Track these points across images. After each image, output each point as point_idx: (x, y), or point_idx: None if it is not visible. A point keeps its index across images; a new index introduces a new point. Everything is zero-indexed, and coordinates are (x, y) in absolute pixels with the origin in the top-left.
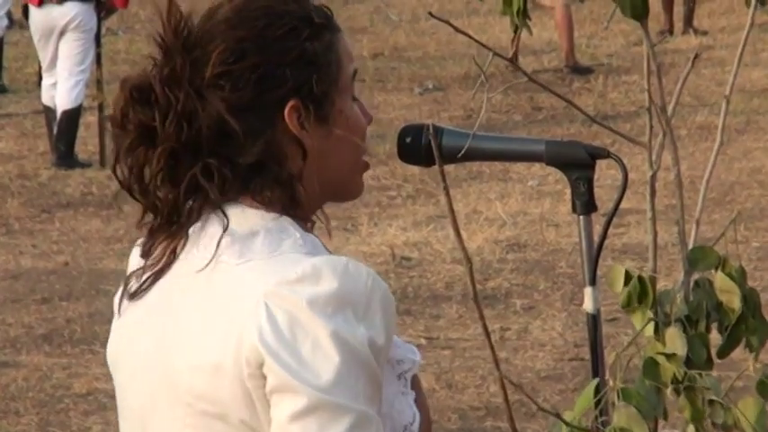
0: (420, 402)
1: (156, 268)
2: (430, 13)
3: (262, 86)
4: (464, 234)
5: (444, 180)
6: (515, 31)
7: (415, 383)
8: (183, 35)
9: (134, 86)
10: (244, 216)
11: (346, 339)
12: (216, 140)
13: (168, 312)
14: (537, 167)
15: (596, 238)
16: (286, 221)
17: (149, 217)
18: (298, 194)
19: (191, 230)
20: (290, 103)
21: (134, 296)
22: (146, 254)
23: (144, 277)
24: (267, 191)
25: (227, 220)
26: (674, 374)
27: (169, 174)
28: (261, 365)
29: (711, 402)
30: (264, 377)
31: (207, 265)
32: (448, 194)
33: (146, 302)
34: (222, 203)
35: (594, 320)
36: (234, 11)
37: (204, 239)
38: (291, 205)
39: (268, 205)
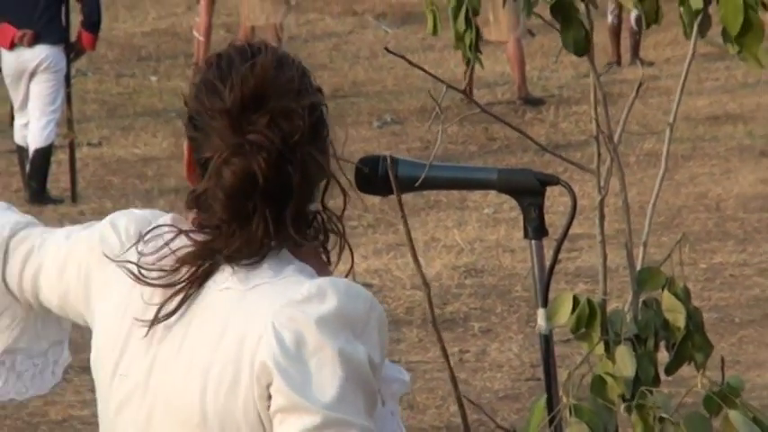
0: None
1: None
2: (386, 49)
3: (326, 135)
4: (423, 261)
5: (402, 209)
6: (468, 64)
7: None
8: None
9: (265, 152)
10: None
11: (350, 357)
12: (308, 187)
13: (178, 336)
14: (492, 195)
15: (548, 262)
16: (283, 252)
17: None
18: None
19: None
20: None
21: (163, 319)
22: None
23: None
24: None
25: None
26: (625, 392)
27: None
28: (269, 385)
29: (662, 419)
30: (269, 397)
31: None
32: (406, 223)
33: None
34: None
35: (547, 340)
36: (279, 61)
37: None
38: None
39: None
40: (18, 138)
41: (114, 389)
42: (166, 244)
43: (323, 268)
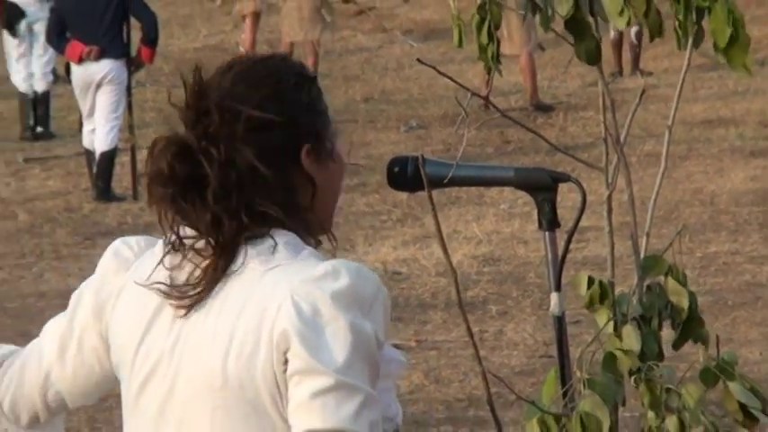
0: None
1: (211, 282)
2: (418, 60)
3: (282, 135)
4: None
5: (432, 203)
6: (489, 73)
7: None
8: (210, 98)
9: (175, 146)
10: (267, 234)
11: (360, 330)
12: (251, 182)
13: (203, 310)
14: (508, 192)
15: (560, 251)
16: (297, 239)
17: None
18: (309, 222)
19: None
20: (306, 147)
21: (190, 308)
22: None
23: (198, 289)
24: (287, 216)
25: (254, 236)
26: (633, 366)
27: (210, 210)
28: (287, 351)
29: (668, 390)
30: (287, 362)
31: (237, 270)
32: (435, 216)
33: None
34: (255, 225)
35: (560, 321)
36: (248, 73)
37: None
38: (306, 231)
39: (289, 229)
40: (86, 142)
41: (137, 369)
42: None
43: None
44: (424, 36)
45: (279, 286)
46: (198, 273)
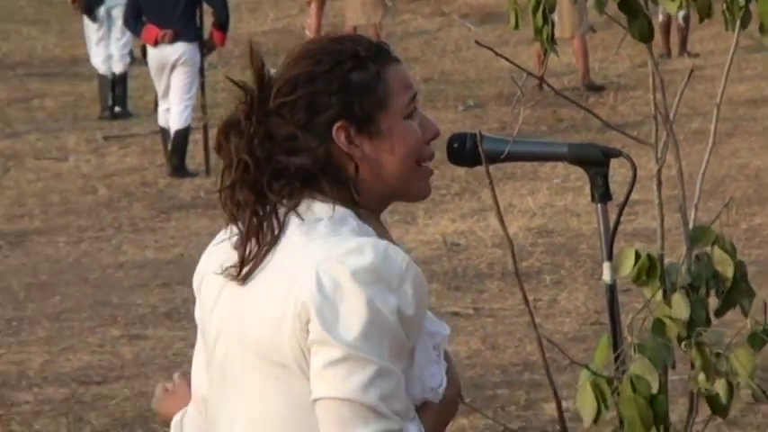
0: (450, 373)
1: (260, 255)
2: (476, 41)
3: (312, 112)
4: None
5: (490, 177)
6: (545, 54)
7: (448, 358)
8: (261, 77)
9: (226, 122)
10: (311, 207)
11: (378, 306)
12: (288, 154)
13: (255, 277)
14: (560, 167)
15: (611, 223)
16: (348, 213)
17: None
18: (354, 193)
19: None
20: (337, 124)
21: (245, 279)
22: (240, 245)
23: (250, 264)
24: (332, 190)
25: (297, 209)
26: (681, 332)
27: (249, 180)
28: (308, 321)
29: (718, 354)
30: (308, 332)
31: (278, 241)
32: (493, 189)
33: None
34: (298, 199)
35: (612, 289)
36: (297, 53)
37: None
38: (351, 201)
39: (335, 200)
40: (161, 121)
41: (209, 344)
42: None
43: (383, 232)
44: (480, 20)
45: (309, 259)
46: (250, 247)
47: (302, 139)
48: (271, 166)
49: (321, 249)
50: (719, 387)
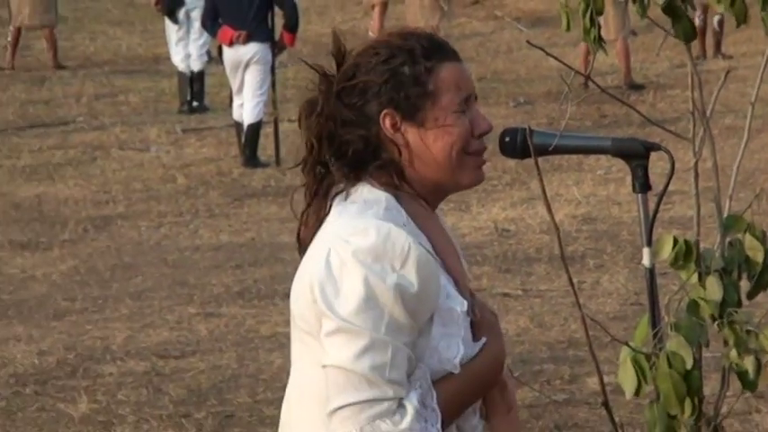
0: (489, 349)
1: (308, 234)
2: (528, 42)
3: (365, 98)
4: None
5: (538, 169)
6: (593, 53)
7: (490, 332)
8: (339, 63)
9: (305, 101)
10: (358, 190)
11: (375, 283)
12: (344, 135)
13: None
14: (603, 160)
15: (651, 212)
16: (383, 197)
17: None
18: (398, 177)
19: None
20: (384, 112)
21: (301, 255)
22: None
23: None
24: (378, 173)
25: (342, 191)
26: (714, 312)
27: (312, 161)
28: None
29: (749, 332)
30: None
31: (323, 221)
32: (541, 180)
33: None
34: (351, 182)
35: (651, 273)
36: (367, 44)
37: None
38: (397, 184)
39: (383, 184)
40: (236, 115)
41: None
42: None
43: (425, 218)
44: (530, 23)
45: (325, 238)
46: (305, 225)
47: (356, 122)
48: (333, 146)
49: (336, 229)
50: (749, 363)
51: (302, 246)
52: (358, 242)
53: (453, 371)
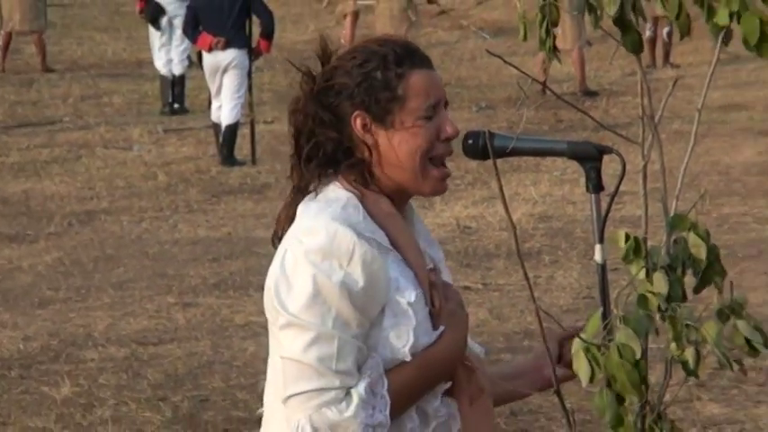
0: (445, 336)
1: (279, 230)
2: (488, 51)
3: (339, 99)
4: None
5: (497, 169)
6: (548, 62)
7: (449, 321)
8: (323, 64)
9: (291, 99)
10: (326, 189)
11: (323, 281)
12: (319, 134)
13: None
14: (559, 162)
15: (603, 211)
16: (344, 196)
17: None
18: (366, 176)
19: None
20: (356, 113)
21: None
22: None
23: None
24: (348, 172)
25: (314, 190)
26: (659, 306)
27: (295, 158)
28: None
29: (687, 326)
30: None
31: (292, 218)
32: (499, 180)
33: None
34: (324, 181)
35: (603, 269)
36: (348, 48)
37: None
38: (364, 184)
39: (352, 183)
40: (214, 116)
41: None
42: None
43: (387, 218)
44: (493, 33)
45: (288, 236)
46: (281, 218)
47: (331, 121)
48: (310, 143)
49: (294, 229)
50: (689, 354)
51: (276, 241)
52: (308, 242)
53: (405, 359)
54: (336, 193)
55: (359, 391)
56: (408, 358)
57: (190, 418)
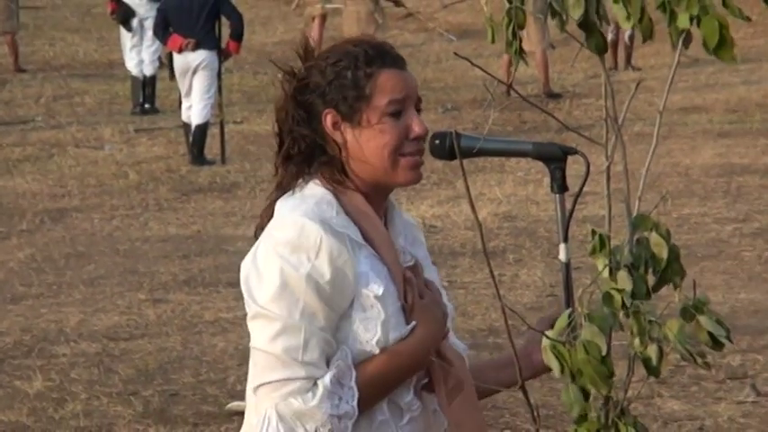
0: (416, 331)
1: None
2: (455, 53)
3: (313, 97)
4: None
5: (463, 169)
6: (515, 64)
7: (422, 316)
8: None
9: (277, 98)
10: (305, 186)
11: (290, 273)
12: (297, 131)
13: None
14: (524, 162)
15: (567, 211)
16: (319, 192)
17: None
18: (339, 173)
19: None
20: (326, 111)
21: None
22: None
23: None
24: (323, 169)
25: (294, 187)
26: (623, 303)
27: (278, 150)
28: None
29: (650, 322)
30: None
31: (272, 215)
32: (465, 179)
33: None
34: (304, 178)
35: (567, 267)
36: (325, 49)
37: None
38: (338, 181)
39: (327, 180)
40: (184, 116)
41: None
42: None
43: (360, 214)
44: (458, 35)
45: (264, 231)
46: (264, 215)
47: (306, 119)
48: (288, 141)
49: (269, 224)
50: (651, 351)
51: (258, 236)
52: (278, 236)
53: (373, 351)
54: (313, 190)
55: (325, 381)
56: (376, 351)
57: (160, 413)
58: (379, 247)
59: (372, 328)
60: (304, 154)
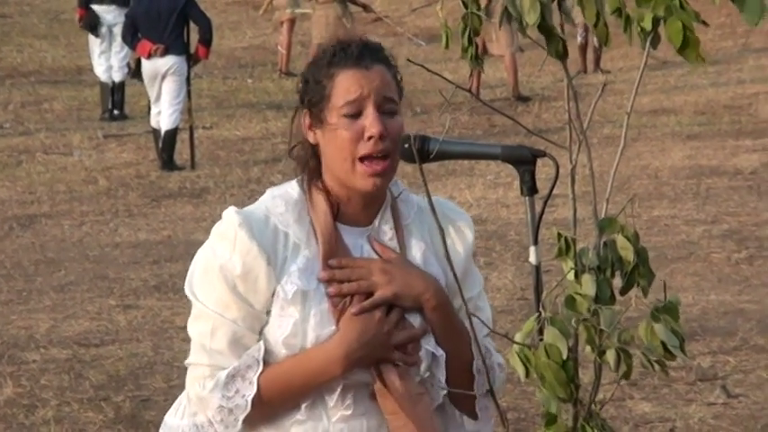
0: (332, 339)
1: None
2: (408, 59)
3: (300, 98)
4: None
5: (423, 174)
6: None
7: (345, 326)
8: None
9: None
10: (284, 183)
11: (211, 261)
12: (296, 133)
13: None
14: (493, 165)
15: (537, 213)
16: (288, 191)
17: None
18: (310, 172)
19: None
20: (303, 111)
21: None
22: None
23: None
24: (300, 168)
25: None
26: (588, 307)
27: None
28: None
29: (601, 331)
30: None
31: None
32: (425, 182)
33: None
34: (296, 176)
35: (537, 270)
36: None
37: None
38: (311, 179)
39: (302, 180)
40: (153, 122)
41: None
42: None
43: (316, 207)
44: (427, 40)
45: None
46: None
47: (296, 120)
48: (291, 142)
49: None
50: (610, 357)
51: None
52: (217, 225)
53: (283, 349)
54: (282, 188)
55: (222, 372)
56: (283, 348)
57: (131, 418)
58: (324, 252)
59: (285, 326)
60: (302, 155)
